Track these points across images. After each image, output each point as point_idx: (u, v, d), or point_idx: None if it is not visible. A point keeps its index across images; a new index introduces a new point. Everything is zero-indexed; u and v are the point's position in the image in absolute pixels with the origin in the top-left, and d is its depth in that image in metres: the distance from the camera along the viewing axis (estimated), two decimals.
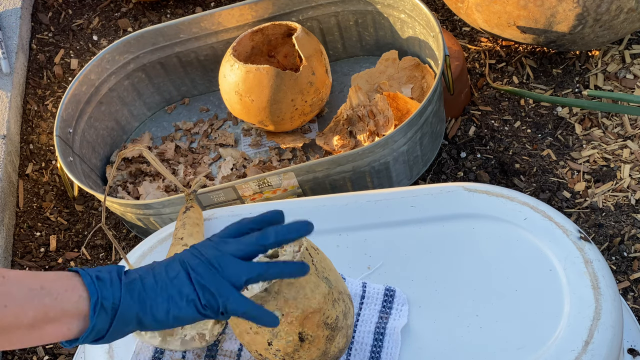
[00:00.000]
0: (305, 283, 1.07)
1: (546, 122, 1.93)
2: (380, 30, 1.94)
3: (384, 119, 1.73)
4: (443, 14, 2.17)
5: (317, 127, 1.92)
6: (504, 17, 1.84)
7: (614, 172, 1.82)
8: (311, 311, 1.07)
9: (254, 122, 1.82)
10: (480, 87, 2.01)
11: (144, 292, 0.98)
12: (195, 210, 1.36)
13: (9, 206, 1.95)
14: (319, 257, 1.11)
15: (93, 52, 2.26)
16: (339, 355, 1.13)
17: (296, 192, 1.66)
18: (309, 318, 1.07)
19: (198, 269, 0.98)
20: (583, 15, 1.77)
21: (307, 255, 1.08)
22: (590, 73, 1.98)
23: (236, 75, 1.76)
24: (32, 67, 2.25)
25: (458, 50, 1.90)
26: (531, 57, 2.04)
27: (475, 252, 1.27)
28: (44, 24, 2.34)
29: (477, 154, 1.89)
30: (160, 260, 1.02)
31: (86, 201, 1.98)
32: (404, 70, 1.88)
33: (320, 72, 1.78)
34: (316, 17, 1.92)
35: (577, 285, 1.20)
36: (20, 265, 1.90)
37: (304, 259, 1.07)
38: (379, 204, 1.36)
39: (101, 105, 1.92)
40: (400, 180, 1.73)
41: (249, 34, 1.85)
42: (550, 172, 1.84)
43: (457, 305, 1.22)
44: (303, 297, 1.06)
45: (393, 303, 1.23)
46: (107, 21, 2.33)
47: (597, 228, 1.74)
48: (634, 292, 1.67)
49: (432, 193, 1.36)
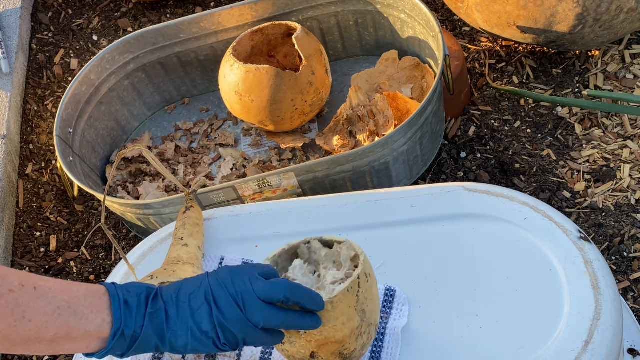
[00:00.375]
0: (340, 315, 1.04)
1: (546, 122, 1.93)
2: (380, 30, 1.94)
3: (384, 119, 1.73)
4: (443, 14, 2.18)
5: (317, 127, 1.92)
6: (504, 17, 1.84)
7: (614, 172, 1.82)
8: (333, 341, 1.05)
9: (254, 122, 1.82)
10: (480, 87, 2.01)
11: (165, 324, 0.98)
12: (195, 210, 1.36)
13: (9, 206, 1.95)
14: (367, 286, 1.07)
15: (93, 52, 2.26)
16: None
17: (296, 192, 1.66)
18: (328, 346, 1.05)
19: (221, 304, 0.98)
20: (583, 15, 1.77)
21: (355, 285, 1.04)
22: (590, 73, 1.98)
23: (236, 75, 1.76)
24: (32, 67, 2.25)
25: (458, 50, 1.90)
26: (531, 57, 2.04)
27: (475, 252, 1.27)
28: (44, 24, 2.34)
29: (477, 154, 1.89)
30: (189, 280, 1.02)
31: (86, 201, 1.98)
32: (404, 70, 1.88)
33: (320, 72, 1.78)
34: (316, 17, 1.92)
35: (577, 285, 1.20)
36: (20, 266, 1.90)
37: (352, 289, 1.04)
38: (379, 204, 1.36)
39: (101, 105, 1.92)
40: (400, 180, 1.73)
41: (249, 34, 1.85)
42: (550, 172, 1.84)
43: (457, 305, 1.22)
44: (331, 328, 1.04)
45: (393, 303, 1.23)
46: (107, 21, 2.33)
47: (597, 228, 1.74)
48: (634, 292, 1.67)
49: (432, 193, 1.36)
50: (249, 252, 1.34)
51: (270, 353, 1.19)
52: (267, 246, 1.34)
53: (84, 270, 1.87)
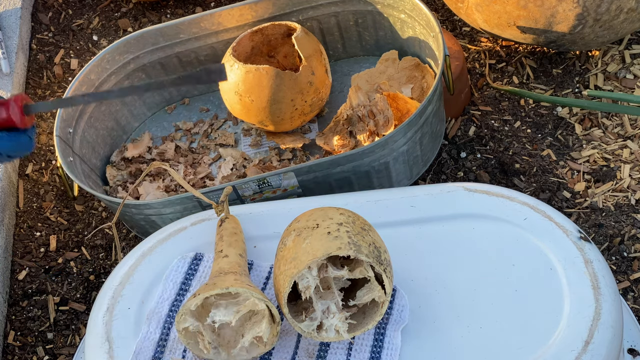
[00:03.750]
0: None
1: (546, 122, 1.93)
2: (380, 30, 1.94)
3: (384, 119, 1.73)
4: (443, 14, 2.18)
5: (317, 127, 1.92)
6: (504, 17, 1.84)
7: (614, 172, 1.82)
8: None
9: (254, 122, 1.82)
10: (480, 87, 2.01)
11: None
12: (230, 221, 1.35)
13: (9, 206, 1.95)
14: None
15: (93, 52, 2.26)
16: None
17: (296, 192, 1.66)
18: None
19: None
20: (583, 15, 1.77)
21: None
22: (590, 73, 1.98)
23: (236, 76, 1.76)
24: (32, 67, 2.25)
25: (458, 50, 1.90)
26: (531, 57, 2.04)
27: (476, 252, 1.27)
28: (44, 24, 2.35)
29: (477, 154, 1.89)
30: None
31: (86, 201, 1.98)
32: (404, 70, 1.88)
33: (320, 72, 1.78)
34: (316, 17, 1.92)
35: (577, 285, 1.20)
36: (20, 266, 1.90)
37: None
38: (379, 204, 1.36)
39: (101, 105, 1.92)
40: (401, 180, 1.74)
41: (248, 34, 1.85)
42: (550, 172, 1.84)
43: (457, 305, 1.22)
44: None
45: (394, 303, 1.23)
46: (107, 21, 2.33)
47: (597, 228, 1.74)
48: (634, 292, 1.67)
49: (432, 193, 1.36)
50: (248, 253, 1.34)
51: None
52: (267, 246, 1.34)
53: (84, 270, 1.87)
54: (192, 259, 1.33)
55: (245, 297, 1.15)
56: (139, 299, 1.29)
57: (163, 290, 1.29)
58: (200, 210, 1.64)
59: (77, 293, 1.84)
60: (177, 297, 1.28)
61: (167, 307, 1.27)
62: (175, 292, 1.29)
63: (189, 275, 1.31)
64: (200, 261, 1.33)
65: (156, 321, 1.25)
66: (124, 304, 1.28)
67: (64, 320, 1.80)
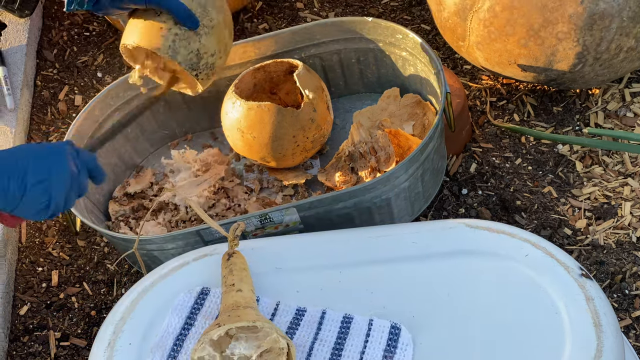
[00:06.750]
0: None
1: (547, 159, 1.93)
2: (382, 68, 1.95)
3: (386, 155, 1.73)
4: (444, 52, 2.19)
5: (319, 163, 1.92)
6: (504, 56, 1.86)
7: (614, 210, 1.82)
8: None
9: (256, 158, 1.83)
10: (481, 125, 2.02)
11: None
12: (238, 256, 1.35)
13: (11, 241, 1.95)
14: None
15: (97, 88, 2.28)
16: None
17: (298, 228, 1.66)
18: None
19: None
20: (583, 54, 1.79)
21: None
22: (591, 111, 1.99)
23: (238, 112, 1.77)
24: (37, 103, 2.26)
25: (459, 87, 1.91)
26: (532, 95, 2.05)
27: (477, 289, 1.27)
28: (49, 61, 2.37)
29: (478, 190, 1.90)
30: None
31: (88, 236, 1.99)
32: (406, 107, 1.89)
33: (321, 108, 1.79)
34: (318, 55, 1.93)
35: (579, 323, 1.20)
36: (22, 301, 1.90)
37: None
38: (381, 240, 1.36)
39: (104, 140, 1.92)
40: (402, 217, 1.74)
41: (251, 71, 1.86)
42: (552, 209, 1.85)
43: (458, 342, 1.22)
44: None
45: (398, 342, 1.23)
46: (112, 58, 2.35)
47: (599, 265, 1.74)
48: (635, 329, 1.66)
49: (433, 229, 1.36)
50: None
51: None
52: (268, 282, 1.34)
53: (85, 305, 1.87)
54: (198, 293, 1.33)
55: (265, 333, 1.15)
56: (140, 334, 1.29)
57: (168, 323, 1.29)
58: (202, 246, 1.64)
59: (78, 328, 1.84)
60: (182, 330, 1.28)
61: (172, 341, 1.26)
62: (180, 326, 1.28)
63: (194, 309, 1.31)
64: (207, 295, 1.33)
65: (160, 354, 1.25)
66: (125, 339, 1.28)
67: (64, 356, 1.80)
